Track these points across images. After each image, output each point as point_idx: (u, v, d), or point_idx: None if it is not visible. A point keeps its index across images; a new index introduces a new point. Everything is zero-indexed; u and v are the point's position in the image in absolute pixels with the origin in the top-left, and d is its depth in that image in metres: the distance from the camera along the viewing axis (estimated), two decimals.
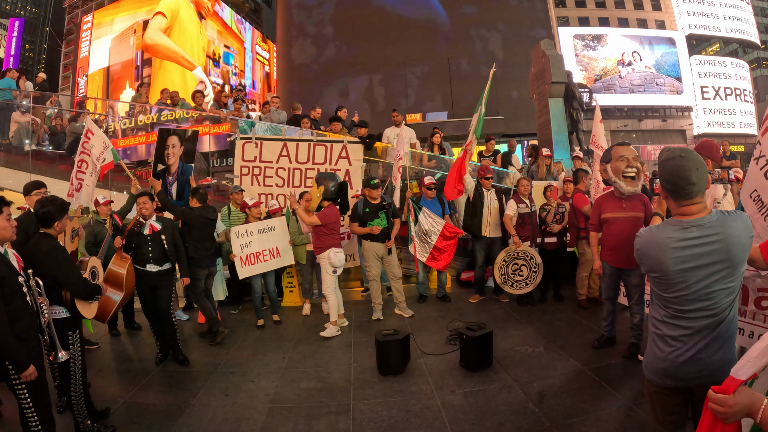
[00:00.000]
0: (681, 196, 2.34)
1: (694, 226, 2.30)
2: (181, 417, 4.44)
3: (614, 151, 5.18)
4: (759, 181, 4.27)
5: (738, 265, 2.29)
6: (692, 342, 2.34)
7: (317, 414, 4.43)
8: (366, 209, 7.06)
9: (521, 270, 7.35)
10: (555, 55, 12.35)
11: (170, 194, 7.34)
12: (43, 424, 3.40)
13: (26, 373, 3.23)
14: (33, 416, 3.36)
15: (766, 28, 50.33)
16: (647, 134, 41.94)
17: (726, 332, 2.34)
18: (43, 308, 3.51)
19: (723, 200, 6.77)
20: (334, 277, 6.75)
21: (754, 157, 4.37)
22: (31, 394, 3.34)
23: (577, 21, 43.68)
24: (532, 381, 4.86)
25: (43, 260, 3.66)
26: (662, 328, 2.44)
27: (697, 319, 2.32)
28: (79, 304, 3.89)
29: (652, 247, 2.41)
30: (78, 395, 3.99)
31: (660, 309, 2.46)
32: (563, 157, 11.40)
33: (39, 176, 8.65)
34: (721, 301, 2.29)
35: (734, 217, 2.32)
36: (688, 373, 2.36)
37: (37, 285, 3.47)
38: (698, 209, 2.33)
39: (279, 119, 11.09)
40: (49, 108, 13.13)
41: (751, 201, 4.35)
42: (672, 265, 2.31)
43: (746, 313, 4.07)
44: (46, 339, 3.56)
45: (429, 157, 10.56)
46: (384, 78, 36.48)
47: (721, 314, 2.30)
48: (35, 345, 3.42)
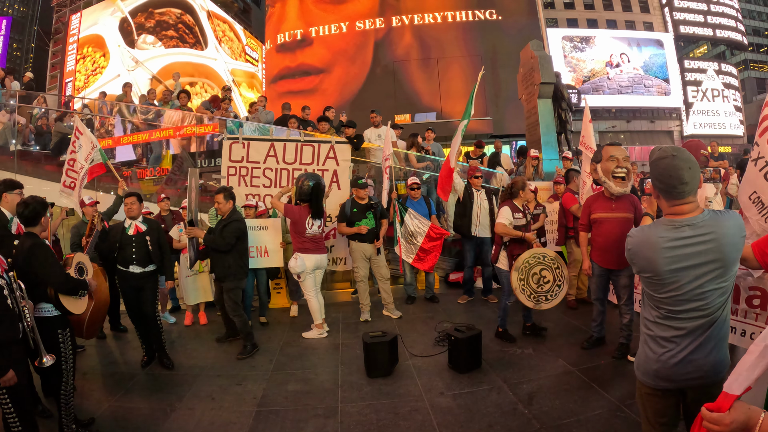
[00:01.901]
0: (673, 195, 2.32)
1: (686, 226, 2.28)
2: (166, 422, 4.38)
3: (604, 151, 5.17)
4: (758, 183, 4.28)
5: (730, 264, 2.27)
6: (685, 343, 2.31)
7: (305, 417, 4.38)
8: (353, 209, 7.05)
9: (544, 278, 5.86)
10: (544, 56, 12.30)
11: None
12: (24, 428, 3.33)
13: (5, 378, 3.17)
14: (15, 422, 3.30)
15: (753, 30, 50.81)
16: (635, 135, 42.16)
17: (719, 333, 2.32)
18: (25, 312, 3.43)
19: (714, 199, 6.80)
20: (312, 280, 6.67)
21: (752, 158, 4.38)
22: (12, 399, 3.28)
23: (566, 23, 43.87)
24: (521, 382, 4.84)
25: (25, 257, 3.63)
26: (654, 329, 2.42)
27: (689, 320, 2.30)
28: (65, 300, 3.82)
29: (643, 247, 2.39)
30: (68, 396, 3.91)
31: (652, 310, 2.43)
32: (552, 157, 11.40)
33: (24, 177, 8.56)
34: (713, 302, 2.27)
35: (727, 217, 2.31)
36: (680, 374, 2.34)
37: (19, 288, 3.40)
38: (690, 209, 2.32)
39: (266, 119, 11.04)
40: (36, 108, 13.01)
41: (750, 203, 4.36)
42: (664, 265, 2.28)
43: (738, 311, 4.07)
44: (31, 344, 3.49)
45: (417, 158, 10.55)
46: (372, 78, 36.38)
47: (714, 314, 2.28)
48: (17, 350, 3.36)
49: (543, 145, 11.69)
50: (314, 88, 36.59)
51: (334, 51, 37.41)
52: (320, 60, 37.50)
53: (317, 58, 37.68)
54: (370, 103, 29.71)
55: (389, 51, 36.53)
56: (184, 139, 11.73)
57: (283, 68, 39.47)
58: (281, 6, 40.04)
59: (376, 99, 30.19)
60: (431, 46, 35.87)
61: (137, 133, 12.00)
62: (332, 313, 7.57)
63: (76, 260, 4.34)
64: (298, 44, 38.81)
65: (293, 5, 39.22)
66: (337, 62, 37.21)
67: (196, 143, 11.78)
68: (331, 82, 36.71)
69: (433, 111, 33.40)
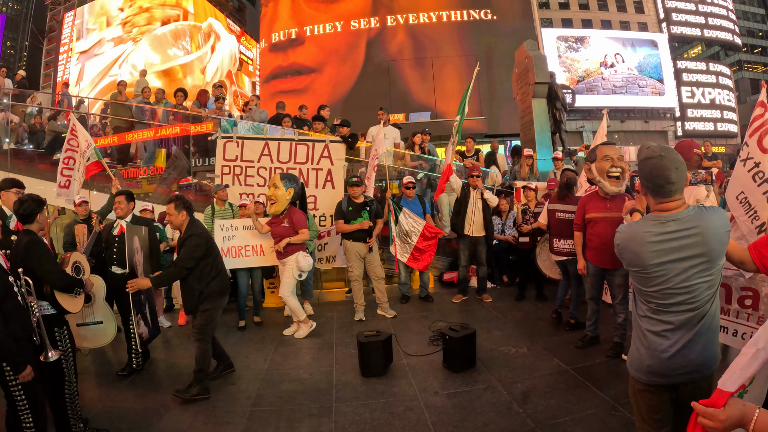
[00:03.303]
0: (660, 194, 2.39)
1: (672, 221, 2.35)
2: (160, 421, 4.36)
3: (599, 151, 5.17)
4: (746, 184, 4.30)
5: (716, 258, 2.33)
6: (675, 337, 2.36)
7: (299, 417, 4.36)
8: (349, 208, 7.04)
9: None
10: (538, 56, 12.35)
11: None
12: (36, 423, 3.37)
13: (24, 373, 3.22)
14: (27, 415, 3.33)
15: (747, 31, 51.00)
16: (630, 135, 42.23)
17: (708, 327, 2.36)
18: (33, 307, 3.48)
19: (706, 202, 6.81)
20: (295, 281, 6.62)
21: (741, 159, 4.39)
22: (27, 395, 3.32)
23: (561, 23, 43.93)
24: (516, 381, 4.84)
25: (22, 254, 3.62)
26: (645, 323, 2.47)
27: (678, 313, 2.34)
28: (62, 298, 3.80)
29: (631, 241, 2.46)
30: (72, 395, 3.89)
31: (642, 304, 2.49)
32: (546, 157, 11.44)
33: (18, 175, 8.51)
34: (701, 294, 2.32)
35: (711, 212, 2.37)
36: (672, 369, 2.38)
37: (27, 284, 3.45)
38: (676, 205, 2.38)
39: (260, 118, 11.01)
40: (29, 106, 12.93)
41: (737, 203, 4.37)
42: (650, 259, 2.35)
43: (730, 311, 4.09)
44: (36, 339, 3.50)
45: (411, 157, 10.56)
46: (365, 77, 36.34)
47: (702, 308, 2.34)
48: (28, 346, 3.40)
49: (537, 145, 11.75)
50: (305, 87, 36.57)
51: (327, 50, 37.39)
52: (312, 59, 37.48)
53: (309, 57, 37.67)
54: (363, 102, 29.73)
55: (383, 50, 36.53)
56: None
57: (276, 67, 39.51)
58: (274, 5, 39.99)
59: (369, 98, 30.16)
60: (426, 45, 35.87)
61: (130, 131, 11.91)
62: (326, 313, 7.56)
63: (73, 259, 4.32)
64: (290, 43, 38.79)
65: (286, 4, 39.19)
66: (329, 61, 37.17)
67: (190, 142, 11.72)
68: (323, 81, 36.69)
69: (427, 110, 33.37)
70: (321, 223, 8.43)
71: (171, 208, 4.96)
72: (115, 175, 7.23)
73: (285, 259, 6.55)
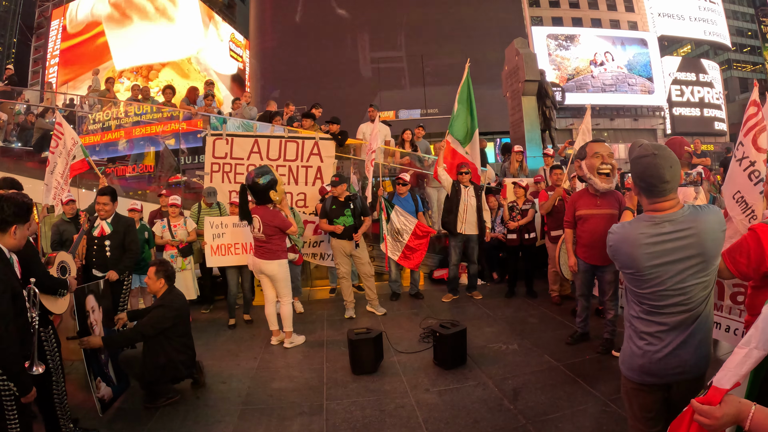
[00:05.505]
0: (654, 194, 2.32)
1: (667, 222, 2.28)
2: (150, 421, 4.32)
3: (589, 148, 5.18)
4: (742, 183, 4.31)
5: (711, 258, 2.28)
6: (669, 338, 2.31)
7: (290, 415, 4.35)
8: (333, 206, 7.00)
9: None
10: (528, 53, 12.39)
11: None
12: (21, 425, 3.22)
13: (29, 395, 3.06)
14: (14, 420, 3.17)
15: (737, 31, 51.35)
16: (619, 133, 42.48)
17: (702, 327, 2.32)
18: (34, 319, 3.31)
19: (694, 203, 6.85)
20: (267, 284, 6.41)
21: (736, 158, 4.40)
22: (18, 407, 3.15)
23: (551, 21, 44.09)
24: (506, 378, 4.84)
25: None
26: (638, 324, 2.42)
27: (672, 315, 2.30)
28: (44, 298, 3.73)
29: (624, 243, 2.38)
30: (61, 394, 3.83)
31: (635, 305, 2.43)
32: (536, 154, 11.49)
33: (6, 174, 8.45)
34: (696, 296, 2.27)
35: (707, 211, 2.32)
36: (665, 369, 2.34)
37: (33, 294, 3.31)
38: (671, 205, 2.32)
39: (250, 115, 10.98)
40: (17, 104, 12.84)
41: (734, 202, 4.39)
42: (645, 261, 2.28)
43: (722, 307, 4.11)
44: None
45: (401, 155, 10.54)
46: (357, 75, 36.36)
47: (697, 309, 2.29)
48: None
49: (527, 142, 11.79)
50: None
51: (318, 46, 37.35)
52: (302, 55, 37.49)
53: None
54: (352, 99, 29.73)
55: (373, 47, 36.54)
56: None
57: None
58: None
59: (359, 96, 30.16)
60: (416, 42, 35.91)
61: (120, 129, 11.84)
62: (316, 310, 7.54)
63: (59, 259, 4.27)
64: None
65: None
66: (319, 58, 37.15)
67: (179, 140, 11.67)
68: (313, 78, 36.68)
69: (417, 108, 33.44)
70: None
71: (152, 272, 4.79)
72: (102, 173, 7.18)
73: (275, 260, 6.20)
